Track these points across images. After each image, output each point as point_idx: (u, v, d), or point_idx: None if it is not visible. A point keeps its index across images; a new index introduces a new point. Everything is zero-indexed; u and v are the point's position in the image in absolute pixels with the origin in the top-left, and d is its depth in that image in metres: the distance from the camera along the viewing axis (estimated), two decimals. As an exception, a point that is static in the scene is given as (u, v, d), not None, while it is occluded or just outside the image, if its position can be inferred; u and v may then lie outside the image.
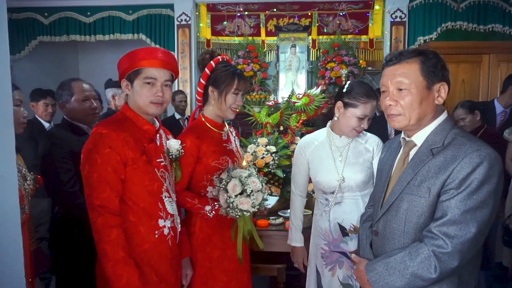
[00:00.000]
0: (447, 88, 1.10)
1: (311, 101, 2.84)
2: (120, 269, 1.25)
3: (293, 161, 1.91)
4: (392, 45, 4.26)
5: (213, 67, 1.63)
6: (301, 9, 4.40)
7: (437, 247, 1.03)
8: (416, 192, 1.10)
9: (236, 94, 1.64)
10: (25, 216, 1.49)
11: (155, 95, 1.37)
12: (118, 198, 1.31)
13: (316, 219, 1.83)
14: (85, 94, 1.90)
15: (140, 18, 4.48)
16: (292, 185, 1.89)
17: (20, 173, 1.49)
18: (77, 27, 4.55)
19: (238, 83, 1.62)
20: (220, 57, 1.66)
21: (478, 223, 1.01)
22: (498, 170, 1.02)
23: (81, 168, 1.31)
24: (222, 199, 1.50)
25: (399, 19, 4.23)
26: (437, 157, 1.08)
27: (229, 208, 1.49)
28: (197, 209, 1.57)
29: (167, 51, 1.43)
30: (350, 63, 4.16)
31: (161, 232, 1.39)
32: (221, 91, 1.62)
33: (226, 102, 1.62)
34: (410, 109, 1.10)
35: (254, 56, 4.34)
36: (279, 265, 2.37)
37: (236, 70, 1.65)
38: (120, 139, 1.29)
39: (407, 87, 1.10)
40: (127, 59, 1.36)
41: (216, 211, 1.57)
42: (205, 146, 1.60)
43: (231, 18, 4.48)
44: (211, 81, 1.64)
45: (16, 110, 1.49)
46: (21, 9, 4.58)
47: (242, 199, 1.48)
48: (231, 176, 1.51)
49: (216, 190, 1.53)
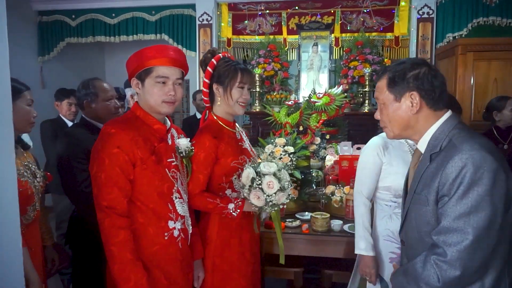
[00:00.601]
0: (417, 96, 1.11)
1: (332, 100, 2.77)
2: (127, 271, 1.23)
3: (361, 162, 1.75)
4: (419, 43, 4.10)
5: (215, 65, 1.60)
6: (324, 6, 4.31)
7: (437, 256, 1.02)
8: (419, 201, 1.11)
9: (242, 88, 1.60)
10: (36, 213, 1.51)
11: (167, 94, 1.35)
12: (126, 199, 1.29)
13: (382, 223, 1.70)
14: (109, 94, 1.93)
15: (163, 18, 4.53)
16: (360, 188, 1.73)
17: (29, 170, 1.51)
18: (102, 28, 4.66)
19: (242, 76, 1.59)
20: (221, 54, 1.63)
21: (474, 229, 0.98)
22: (488, 171, 0.98)
23: (89, 168, 1.30)
24: (257, 197, 1.44)
25: (427, 15, 4.06)
26: (433, 163, 1.09)
27: (266, 206, 1.45)
28: (220, 209, 1.52)
29: (177, 48, 1.41)
30: (374, 61, 4.04)
31: (170, 234, 1.36)
32: (226, 86, 1.58)
33: (232, 97, 1.59)
34: (388, 122, 1.19)
35: (275, 55, 4.29)
36: (296, 268, 2.32)
37: (238, 64, 1.62)
38: (129, 138, 1.27)
39: (381, 102, 1.19)
40: (137, 58, 1.34)
41: (240, 208, 1.52)
42: (223, 146, 1.57)
43: (253, 17, 4.45)
44: (214, 78, 1.61)
45: (27, 109, 1.50)
46: (50, 12, 4.73)
47: (280, 194, 1.45)
48: (263, 173, 1.46)
49: (245, 191, 1.46)
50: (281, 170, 1.50)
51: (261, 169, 1.48)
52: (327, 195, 2.31)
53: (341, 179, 2.37)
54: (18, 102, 1.46)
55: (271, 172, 1.46)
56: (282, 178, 1.48)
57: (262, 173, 1.47)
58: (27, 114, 1.50)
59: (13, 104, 1.42)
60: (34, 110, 1.54)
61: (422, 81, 1.11)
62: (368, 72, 3.86)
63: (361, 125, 3.91)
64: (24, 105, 1.48)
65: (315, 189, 2.52)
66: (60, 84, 3.74)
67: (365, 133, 3.92)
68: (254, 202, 1.46)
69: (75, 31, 4.72)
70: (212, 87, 1.62)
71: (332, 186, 2.34)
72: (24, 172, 1.46)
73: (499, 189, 0.98)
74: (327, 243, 2.06)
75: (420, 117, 1.14)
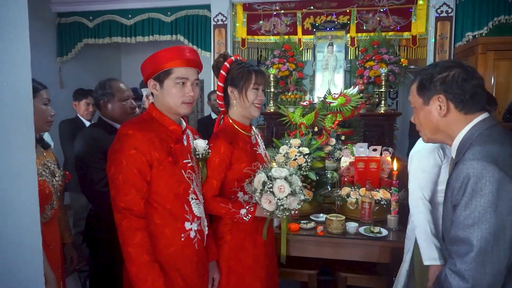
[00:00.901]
0: (444, 99, 1.11)
1: (347, 101, 2.73)
2: (144, 273, 1.23)
3: (419, 167, 1.69)
4: (437, 42, 4.01)
5: (228, 68, 1.60)
6: (339, 6, 4.27)
7: (450, 266, 1.02)
8: (448, 210, 1.10)
9: (257, 89, 1.60)
10: (54, 211, 1.53)
11: (187, 95, 1.36)
12: (143, 200, 1.29)
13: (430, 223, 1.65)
14: (125, 94, 1.95)
15: (178, 19, 4.56)
16: (420, 193, 1.67)
17: (48, 169, 1.53)
18: (119, 29, 4.72)
19: (256, 77, 1.59)
20: (233, 57, 1.63)
21: (479, 241, 0.96)
22: (490, 182, 0.94)
23: (107, 170, 1.31)
24: (268, 202, 1.44)
25: (445, 14, 3.97)
26: (454, 171, 1.06)
27: (277, 210, 1.45)
28: (232, 213, 1.53)
29: (192, 48, 1.41)
30: (390, 61, 3.97)
31: (187, 235, 1.36)
32: (240, 89, 1.59)
33: (248, 98, 1.59)
34: (420, 126, 1.22)
35: (290, 55, 4.27)
36: (310, 270, 2.30)
37: (251, 65, 1.62)
38: (146, 139, 1.28)
39: (413, 105, 1.22)
40: (154, 60, 1.34)
41: (252, 213, 1.52)
42: (237, 152, 1.57)
43: (267, 17, 4.44)
44: (229, 81, 1.61)
45: (44, 108, 1.52)
46: (69, 13, 4.82)
47: (291, 199, 1.45)
48: (274, 177, 1.46)
49: (257, 195, 1.46)
50: (292, 175, 1.50)
51: (272, 173, 1.48)
52: (342, 197, 2.28)
53: (357, 181, 2.33)
54: (35, 101, 1.47)
55: (282, 176, 1.46)
56: (293, 182, 1.47)
57: (273, 177, 1.47)
58: (44, 113, 1.52)
59: None
60: (52, 109, 1.55)
61: (450, 84, 1.09)
62: (384, 72, 3.80)
63: (377, 126, 3.85)
64: (41, 104, 1.50)
65: (330, 190, 2.49)
66: (77, 84, 3.81)
67: (381, 134, 3.86)
68: (265, 207, 1.46)
69: (92, 32, 4.80)
70: (227, 90, 1.63)
71: (348, 187, 2.31)
72: (42, 171, 1.49)
73: (506, 200, 0.94)
74: (342, 246, 2.03)
75: (449, 121, 1.12)
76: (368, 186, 2.20)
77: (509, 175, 0.96)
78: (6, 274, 0.68)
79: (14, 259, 0.70)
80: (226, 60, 1.62)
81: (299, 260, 2.30)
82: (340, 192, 2.31)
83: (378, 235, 1.97)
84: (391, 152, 2.40)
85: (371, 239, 1.96)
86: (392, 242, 1.96)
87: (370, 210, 2.15)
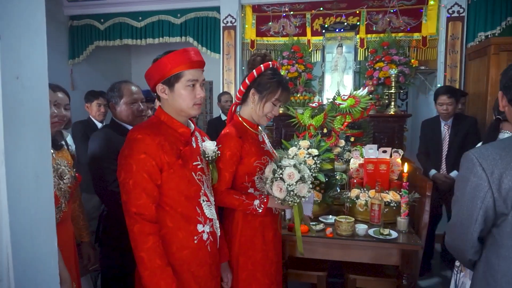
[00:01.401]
0: (500, 95, 1.17)
1: (357, 102, 2.73)
2: (157, 277, 1.24)
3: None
4: (448, 43, 3.96)
5: (261, 71, 1.62)
6: (349, 7, 4.25)
7: None
8: None
9: (275, 104, 1.63)
10: (62, 214, 1.53)
11: (198, 96, 1.37)
12: (154, 205, 1.29)
13: None
14: (133, 97, 1.97)
15: (188, 21, 4.59)
16: None
17: (56, 172, 1.53)
18: (130, 32, 4.77)
19: (281, 94, 1.62)
20: (271, 63, 1.64)
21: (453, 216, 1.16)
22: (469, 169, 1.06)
23: (117, 175, 1.32)
24: (279, 190, 1.48)
25: (457, 14, 3.92)
26: None
27: (288, 196, 1.49)
28: (246, 205, 1.56)
29: (195, 48, 1.42)
30: (400, 62, 3.94)
31: (200, 237, 1.37)
32: (262, 97, 1.62)
33: (264, 109, 1.63)
34: None
35: (299, 57, 4.26)
36: (319, 272, 2.30)
37: (282, 80, 1.64)
38: (155, 143, 1.28)
39: None
40: (162, 66, 1.34)
41: (264, 204, 1.55)
42: (247, 146, 1.60)
43: (277, 18, 4.45)
44: (255, 84, 1.63)
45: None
46: (80, 16, 4.89)
47: (301, 185, 1.49)
48: (283, 165, 1.50)
49: (268, 183, 1.51)
50: (301, 164, 1.55)
51: (282, 163, 1.53)
52: (352, 199, 2.27)
53: (366, 183, 2.32)
54: None
55: (291, 164, 1.51)
56: (302, 169, 1.52)
57: (283, 166, 1.51)
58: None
59: None
60: (55, 111, 1.56)
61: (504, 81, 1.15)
62: (394, 73, 3.77)
63: (387, 128, 3.82)
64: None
65: (339, 192, 2.48)
66: (89, 86, 3.85)
67: (391, 135, 3.83)
68: (276, 195, 1.50)
69: (103, 34, 4.86)
70: (249, 90, 1.65)
71: (357, 189, 2.31)
72: None
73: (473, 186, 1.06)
74: (352, 248, 2.03)
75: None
76: (377, 188, 2.19)
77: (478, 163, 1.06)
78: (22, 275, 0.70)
79: (30, 259, 0.71)
80: (263, 62, 1.64)
81: (308, 262, 2.30)
82: (350, 194, 2.30)
83: (387, 237, 1.96)
84: (401, 153, 2.39)
85: (381, 241, 1.95)
86: (401, 244, 1.95)
87: (379, 212, 2.14)
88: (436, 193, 3.09)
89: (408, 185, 2.13)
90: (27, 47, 0.69)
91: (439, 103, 3.13)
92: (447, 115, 3.12)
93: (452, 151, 3.11)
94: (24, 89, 0.67)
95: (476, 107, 3.65)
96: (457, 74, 3.95)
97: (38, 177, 0.68)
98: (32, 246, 0.72)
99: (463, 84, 3.96)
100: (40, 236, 0.70)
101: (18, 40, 0.68)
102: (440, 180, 3.10)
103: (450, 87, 3.41)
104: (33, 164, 0.70)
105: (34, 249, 0.72)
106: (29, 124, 0.70)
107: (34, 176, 0.71)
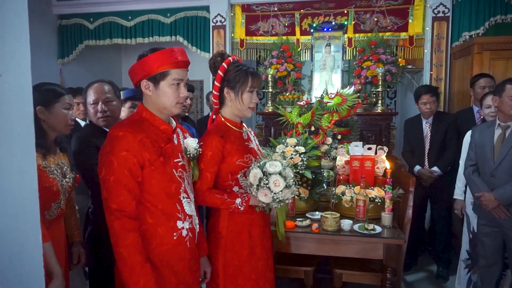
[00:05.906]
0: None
1: (343, 101, 2.78)
2: (136, 273, 1.25)
3: None
4: (434, 42, 4.04)
5: (226, 69, 1.64)
6: (337, 7, 4.31)
7: None
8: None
9: (251, 92, 1.65)
10: (60, 211, 1.58)
11: (181, 95, 1.40)
12: (135, 201, 1.31)
13: None
14: (94, 97, 1.95)
15: (178, 20, 4.60)
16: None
17: (60, 170, 1.61)
18: (119, 31, 4.76)
19: (252, 81, 1.64)
20: (231, 57, 1.67)
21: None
22: None
23: (98, 171, 1.32)
24: (265, 197, 1.51)
25: (442, 14, 4.00)
26: None
27: (273, 202, 1.52)
28: (228, 204, 1.58)
29: (181, 48, 1.43)
30: (387, 61, 4.00)
31: (179, 233, 1.39)
32: (237, 91, 1.64)
33: (244, 101, 1.65)
34: None
35: (288, 56, 4.30)
36: (306, 267, 2.34)
37: (249, 68, 1.66)
38: (137, 141, 1.29)
39: None
40: (148, 63, 1.36)
41: (246, 202, 1.58)
42: (229, 145, 1.62)
43: (266, 18, 4.48)
44: (225, 82, 1.66)
45: (65, 113, 1.62)
46: (70, 15, 4.87)
47: (286, 191, 1.52)
48: (269, 172, 1.52)
49: (253, 190, 1.53)
50: (285, 169, 1.57)
51: (267, 168, 1.54)
52: (338, 195, 2.32)
53: (352, 179, 2.37)
54: (57, 105, 1.58)
55: (277, 172, 1.53)
56: (287, 176, 1.55)
57: (268, 173, 1.53)
58: (65, 116, 1.61)
59: (52, 107, 1.57)
60: (73, 113, 1.65)
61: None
62: (382, 72, 3.83)
63: (375, 125, 3.89)
64: (63, 109, 1.60)
65: (326, 189, 2.53)
66: (79, 86, 3.84)
67: (378, 133, 3.90)
68: (262, 199, 1.53)
69: (93, 33, 4.85)
70: (223, 90, 1.67)
71: (343, 186, 2.35)
72: (54, 170, 1.55)
73: None
74: (337, 243, 2.07)
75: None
76: (362, 184, 2.24)
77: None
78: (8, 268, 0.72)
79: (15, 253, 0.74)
80: (224, 60, 1.66)
81: (296, 258, 2.34)
82: (335, 190, 2.34)
83: (372, 232, 2.01)
84: (386, 150, 2.44)
85: (365, 236, 2.00)
86: (385, 239, 2.00)
87: (364, 207, 2.19)
88: (422, 189, 3.16)
89: (392, 181, 2.18)
90: (11, 45, 0.71)
91: (422, 102, 3.20)
92: (431, 113, 3.20)
93: (433, 147, 3.20)
94: (8, 86, 0.70)
95: (461, 105, 3.73)
96: (443, 73, 4.04)
97: (22, 172, 0.70)
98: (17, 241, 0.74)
99: (448, 83, 4.04)
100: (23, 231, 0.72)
101: (2, 38, 0.70)
102: (425, 175, 3.17)
103: (430, 86, 3.50)
104: (17, 160, 0.72)
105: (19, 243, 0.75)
106: (14, 120, 0.72)
107: (19, 172, 0.74)
